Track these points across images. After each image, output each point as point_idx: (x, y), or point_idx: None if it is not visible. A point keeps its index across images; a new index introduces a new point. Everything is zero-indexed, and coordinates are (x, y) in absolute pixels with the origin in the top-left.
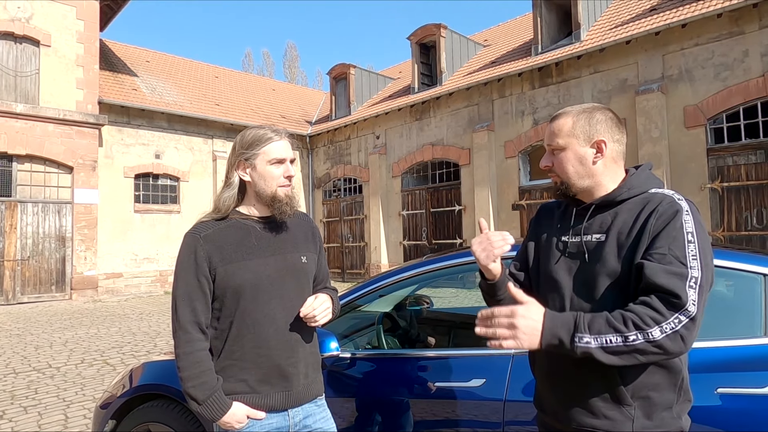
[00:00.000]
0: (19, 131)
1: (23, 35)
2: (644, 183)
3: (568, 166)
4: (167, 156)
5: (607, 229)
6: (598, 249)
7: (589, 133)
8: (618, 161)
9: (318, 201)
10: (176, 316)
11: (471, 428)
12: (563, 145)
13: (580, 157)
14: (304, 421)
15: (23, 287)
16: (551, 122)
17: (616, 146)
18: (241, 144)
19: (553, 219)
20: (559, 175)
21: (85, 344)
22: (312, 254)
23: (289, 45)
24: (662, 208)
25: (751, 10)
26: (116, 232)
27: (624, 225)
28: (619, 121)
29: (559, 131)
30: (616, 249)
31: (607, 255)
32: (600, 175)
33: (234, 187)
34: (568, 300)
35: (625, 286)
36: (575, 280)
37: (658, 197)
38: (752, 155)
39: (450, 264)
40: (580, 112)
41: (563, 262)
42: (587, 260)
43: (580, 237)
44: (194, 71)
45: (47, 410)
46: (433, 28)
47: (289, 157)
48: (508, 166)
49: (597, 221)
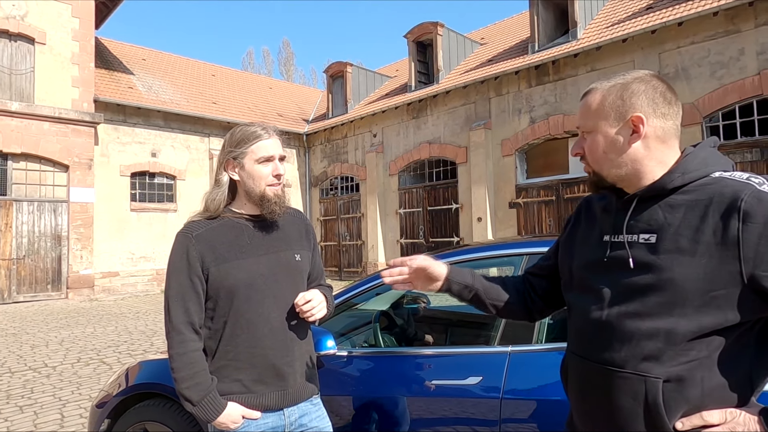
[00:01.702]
0: (15, 129)
1: (18, 33)
2: (703, 165)
3: (598, 152)
4: (164, 154)
5: (658, 228)
6: (647, 252)
7: (621, 110)
8: (668, 140)
9: (315, 199)
10: (169, 316)
11: (468, 426)
12: (592, 127)
13: (611, 140)
14: (300, 420)
15: (19, 286)
16: (581, 99)
17: (662, 122)
18: (229, 142)
19: (594, 214)
20: (590, 163)
21: (82, 343)
22: (306, 252)
23: (284, 42)
24: (748, 206)
25: (746, 9)
26: (112, 230)
27: (685, 225)
28: (668, 89)
29: (587, 110)
30: (676, 255)
31: (661, 261)
32: (642, 160)
33: (223, 186)
34: (606, 312)
35: (695, 304)
36: (616, 289)
37: (730, 187)
38: (748, 153)
39: (447, 262)
40: (614, 84)
41: (602, 266)
42: (633, 266)
43: (623, 236)
44: (191, 69)
45: (43, 409)
46: (430, 26)
47: (278, 154)
48: (505, 165)
49: (644, 217)
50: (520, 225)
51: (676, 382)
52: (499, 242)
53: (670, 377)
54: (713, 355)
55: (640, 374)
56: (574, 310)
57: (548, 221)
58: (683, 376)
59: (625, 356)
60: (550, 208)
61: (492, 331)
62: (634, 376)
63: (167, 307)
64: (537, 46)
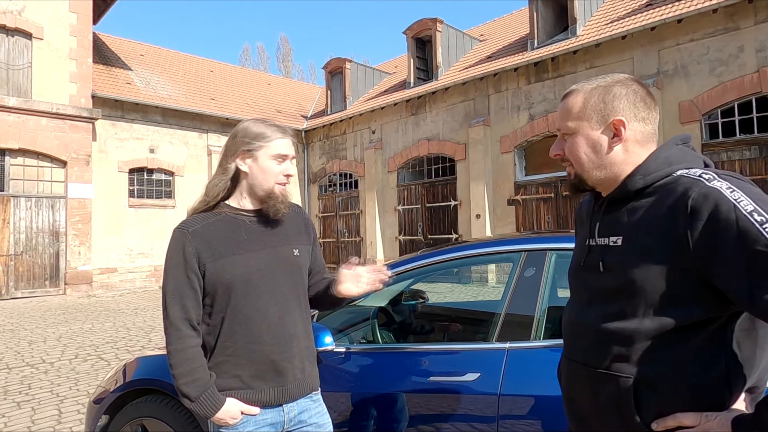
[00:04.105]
0: (12, 125)
1: (15, 28)
2: (665, 164)
3: (579, 154)
4: (162, 150)
5: (623, 230)
6: (613, 255)
7: (603, 113)
8: (646, 144)
9: (313, 196)
10: (166, 313)
11: (466, 422)
12: (573, 129)
13: (593, 142)
14: (299, 416)
15: (17, 282)
16: (561, 101)
17: (642, 126)
18: (245, 133)
19: (583, 219)
20: (573, 164)
21: (79, 339)
22: (305, 246)
23: (282, 38)
24: (696, 203)
25: (746, 6)
26: (110, 226)
27: (644, 226)
28: (647, 94)
29: (568, 112)
30: (637, 256)
31: (624, 265)
32: (620, 164)
33: (228, 174)
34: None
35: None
36: (592, 292)
37: (682, 185)
38: (747, 151)
39: (445, 258)
40: (595, 87)
41: (582, 269)
42: (602, 269)
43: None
44: (189, 65)
45: (41, 406)
46: (429, 23)
47: (291, 154)
48: (504, 161)
49: (613, 220)
50: (519, 222)
51: (648, 381)
52: (497, 239)
53: (641, 377)
54: (686, 356)
55: (613, 374)
56: (564, 313)
57: (547, 218)
58: (655, 376)
59: (601, 357)
60: (549, 205)
61: (490, 328)
62: (609, 376)
63: (165, 303)
64: (536, 43)
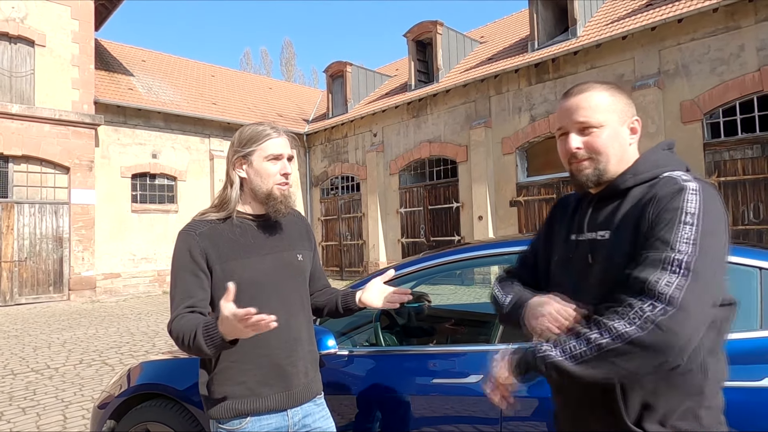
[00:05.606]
0: (15, 132)
1: (18, 35)
2: (654, 166)
3: (607, 147)
4: (164, 155)
5: (611, 225)
6: (601, 249)
7: (627, 111)
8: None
9: (316, 199)
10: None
11: (469, 424)
12: (602, 122)
13: (620, 136)
14: (303, 420)
15: (21, 288)
16: (576, 95)
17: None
18: (238, 141)
19: (566, 214)
20: (595, 158)
21: (84, 345)
22: (307, 252)
23: (285, 42)
24: (661, 191)
25: (746, 5)
26: (114, 232)
27: (629, 221)
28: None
29: (596, 105)
30: (621, 249)
31: (610, 257)
32: (629, 160)
33: (237, 185)
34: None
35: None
36: (579, 283)
37: (664, 181)
38: (749, 150)
39: (448, 260)
40: (612, 86)
41: (569, 263)
42: (590, 262)
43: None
44: (190, 70)
45: (46, 411)
46: (430, 25)
47: (287, 153)
48: (506, 163)
49: (602, 215)
50: (521, 223)
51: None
52: (500, 240)
53: None
54: None
55: None
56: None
57: None
58: None
59: None
60: (551, 206)
61: (493, 329)
62: None
63: (173, 306)
64: (537, 44)
